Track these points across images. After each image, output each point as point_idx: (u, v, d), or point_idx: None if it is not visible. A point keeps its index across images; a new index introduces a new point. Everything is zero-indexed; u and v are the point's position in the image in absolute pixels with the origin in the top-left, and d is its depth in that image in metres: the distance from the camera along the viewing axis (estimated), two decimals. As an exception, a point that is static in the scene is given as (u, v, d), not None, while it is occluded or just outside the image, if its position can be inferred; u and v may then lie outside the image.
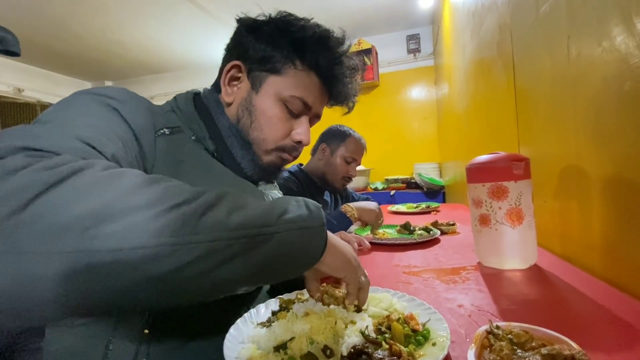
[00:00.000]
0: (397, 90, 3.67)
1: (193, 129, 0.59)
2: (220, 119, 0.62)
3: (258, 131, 0.61)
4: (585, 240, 0.68)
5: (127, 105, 0.46)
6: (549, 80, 0.81)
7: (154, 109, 0.53)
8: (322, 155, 1.38)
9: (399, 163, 3.54)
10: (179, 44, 3.63)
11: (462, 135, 2.12)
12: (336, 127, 1.44)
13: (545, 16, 0.79)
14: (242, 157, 0.62)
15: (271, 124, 0.61)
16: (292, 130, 0.63)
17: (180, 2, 2.77)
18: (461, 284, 0.63)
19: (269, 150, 0.62)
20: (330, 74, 0.63)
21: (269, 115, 0.61)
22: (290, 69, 0.61)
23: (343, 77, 0.64)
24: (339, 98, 0.67)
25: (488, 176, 0.68)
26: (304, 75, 0.61)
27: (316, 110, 0.65)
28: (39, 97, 4.07)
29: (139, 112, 0.48)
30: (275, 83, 0.61)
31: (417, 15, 3.27)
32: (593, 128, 0.63)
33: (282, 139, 0.63)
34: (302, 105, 0.62)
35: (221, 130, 0.62)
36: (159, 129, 0.50)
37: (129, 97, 0.49)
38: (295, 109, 0.62)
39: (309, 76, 0.62)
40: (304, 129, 0.63)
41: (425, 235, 1.02)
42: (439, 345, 0.38)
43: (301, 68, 0.61)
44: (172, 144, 0.51)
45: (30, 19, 2.89)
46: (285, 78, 0.61)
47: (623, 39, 0.52)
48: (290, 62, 0.60)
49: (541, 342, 0.35)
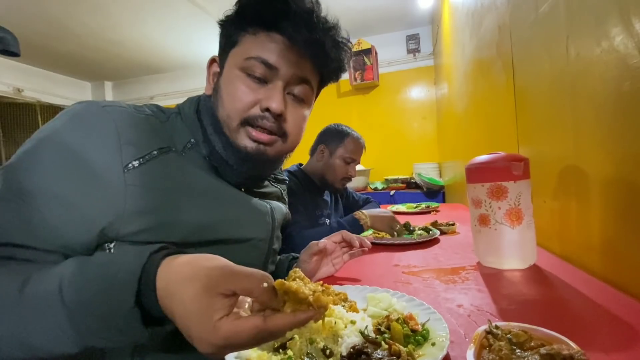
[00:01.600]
0: (396, 90, 3.67)
1: (192, 132, 0.58)
2: (205, 117, 0.59)
3: (222, 108, 0.56)
4: (585, 240, 0.68)
5: (93, 147, 0.46)
6: (548, 81, 0.81)
7: (125, 137, 0.48)
8: (321, 156, 1.36)
9: (399, 163, 3.55)
10: (178, 44, 3.63)
11: (461, 135, 2.12)
12: (334, 126, 1.42)
13: (545, 16, 0.80)
14: (222, 149, 0.57)
15: (232, 97, 0.55)
16: (260, 99, 0.56)
17: (180, 2, 2.76)
18: (460, 284, 0.63)
19: (235, 126, 0.56)
20: (274, 20, 0.53)
21: (229, 88, 0.56)
22: (244, 37, 0.56)
23: (290, 16, 0.53)
24: (303, 45, 0.54)
25: (487, 176, 0.68)
26: (256, 36, 0.55)
27: (290, 71, 0.56)
28: (39, 97, 4.07)
29: (105, 149, 0.46)
30: (234, 55, 0.57)
31: (416, 15, 3.27)
32: (592, 128, 0.63)
33: (246, 110, 0.55)
34: (262, 66, 0.54)
35: (207, 129, 0.58)
36: (127, 164, 0.47)
37: (96, 133, 0.47)
38: (258, 72, 0.55)
39: (260, 34, 0.55)
40: (271, 93, 0.55)
41: (424, 235, 1.03)
42: (438, 345, 0.38)
43: (253, 30, 0.55)
44: (146, 174, 0.48)
45: (29, 19, 2.89)
46: (241, 46, 0.56)
47: (622, 39, 0.53)
48: (241, 29, 0.56)
49: (540, 342, 0.35)
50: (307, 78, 0.58)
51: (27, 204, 0.42)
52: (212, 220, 0.54)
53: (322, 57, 0.57)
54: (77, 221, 0.43)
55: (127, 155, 0.47)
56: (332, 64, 0.59)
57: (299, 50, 0.55)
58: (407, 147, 3.61)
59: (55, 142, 0.45)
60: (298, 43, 0.54)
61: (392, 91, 3.68)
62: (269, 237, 0.65)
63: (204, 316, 0.30)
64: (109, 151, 0.46)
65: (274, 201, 0.71)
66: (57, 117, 0.48)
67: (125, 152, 0.47)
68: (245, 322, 0.30)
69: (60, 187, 0.43)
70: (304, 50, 0.55)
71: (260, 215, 0.63)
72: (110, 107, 0.50)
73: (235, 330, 0.30)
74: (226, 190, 0.58)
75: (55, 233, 0.43)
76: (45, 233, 0.42)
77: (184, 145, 0.56)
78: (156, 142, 0.52)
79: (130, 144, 0.48)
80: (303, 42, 0.54)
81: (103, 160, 0.46)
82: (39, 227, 0.42)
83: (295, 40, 0.54)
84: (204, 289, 0.31)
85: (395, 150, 3.61)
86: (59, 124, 0.47)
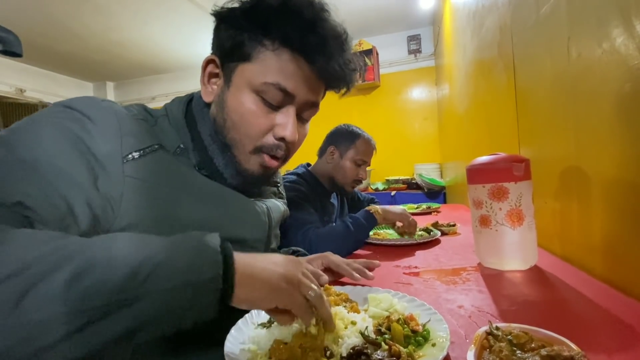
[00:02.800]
0: (397, 90, 3.67)
1: (181, 136, 0.54)
2: (202, 125, 0.56)
3: (233, 131, 0.53)
4: (586, 241, 0.68)
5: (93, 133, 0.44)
6: (549, 81, 0.81)
7: (126, 128, 0.47)
8: (331, 158, 1.31)
9: (400, 164, 3.55)
10: (180, 45, 3.64)
11: (462, 136, 2.12)
12: (344, 127, 1.37)
13: (546, 17, 0.80)
14: (224, 166, 0.55)
15: (245, 121, 0.52)
16: (274, 125, 0.53)
17: (181, 3, 2.77)
18: (461, 284, 0.63)
19: (247, 152, 0.54)
20: (304, 45, 0.50)
21: (241, 111, 0.52)
22: (261, 52, 0.51)
23: (323, 48, 0.50)
24: (327, 76, 0.53)
25: (488, 177, 0.68)
26: (277, 55, 0.50)
27: (304, 98, 0.54)
28: (41, 98, 4.09)
29: (105, 138, 0.45)
30: (245, 71, 0.52)
31: (417, 15, 3.27)
32: (593, 129, 0.63)
33: (260, 137, 0.53)
34: (280, 93, 0.51)
35: (203, 138, 0.55)
36: (127, 154, 0.45)
37: (97, 121, 0.45)
38: (273, 98, 0.51)
39: (283, 55, 0.50)
40: (286, 122, 0.52)
41: (425, 236, 1.02)
42: (439, 345, 0.38)
43: (272, 48, 0.50)
44: (145, 167, 0.47)
45: (32, 20, 2.90)
46: (255, 64, 0.51)
47: (623, 40, 0.53)
48: (258, 43, 0.51)
49: (541, 343, 0.35)
50: (318, 102, 0.58)
51: (33, 172, 0.38)
52: (207, 219, 0.52)
53: (338, 82, 0.56)
54: (79, 202, 0.40)
55: (127, 146, 0.46)
56: (345, 87, 0.58)
57: (316, 77, 0.53)
58: (408, 148, 3.60)
59: (53, 123, 0.43)
60: (326, 75, 0.53)
61: (393, 92, 3.68)
62: (266, 237, 0.64)
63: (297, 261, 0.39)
64: (110, 139, 0.45)
65: (270, 199, 0.69)
66: (51, 107, 0.46)
67: (126, 142, 0.46)
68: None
69: (63, 162, 0.40)
70: (320, 75, 0.53)
71: (256, 215, 0.62)
72: (108, 102, 0.49)
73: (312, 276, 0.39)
74: (221, 191, 0.56)
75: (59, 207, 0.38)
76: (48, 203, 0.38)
77: (174, 150, 0.53)
78: (154, 140, 0.51)
79: (131, 135, 0.47)
80: (330, 75, 0.53)
81: (103, 146, 0.44)
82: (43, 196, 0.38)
83: (324, 73, 0.52)
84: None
85: (396, 151, 3.61)
86: (56, 112, 0.45)
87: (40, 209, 0.36)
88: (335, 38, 0.52)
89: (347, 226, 0.96)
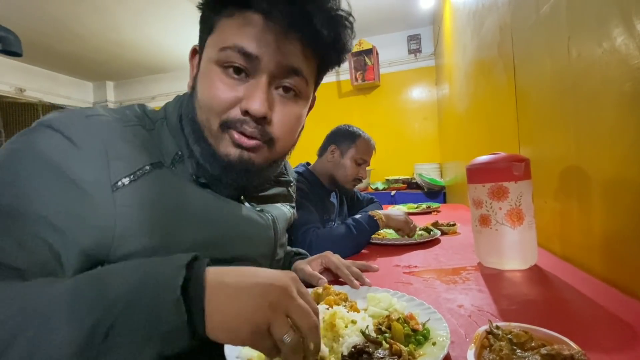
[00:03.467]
0: (397, 90, 3.67)
1: (177, 142, 0.51)
2: (186, 124, 0.51)
3: (200, 110, 0.48)
4: (586, 240, 0.68)
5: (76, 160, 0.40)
6: (549, 81, 0.81)
7: (113, 151, 0.43)
8: (332, 157, 1.33)
9: (400, 163, 3.55)
10: (180, 44, 3.64)
11: (462, 136, 2.12)
12: (345, 127, 1.40)
13: (546, 17, 0.80)
14: (202, 158, 0.49)
15: (210, 96, 0.46)
16: (240, 98, 0.47)
17: (181, 2, 2.77)
18: (461, 284, 0.63)
19: (215, 130, 0.47)
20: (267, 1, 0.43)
21: (206, 86, 0.47)
22: (220, 21, 0.47)
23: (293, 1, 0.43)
24: (287, 24, 0.44)
25: (488, 177, 0.68)
26: (231, 19, 0.46)
27: (274, 60, 0.45)
28: (41, 97, 4.09)
29: (90, 164, 0.41)
30: (210, 45, 0.48)
31: (417, 15, 3.27)
32: (593, 129, 0.63)
33: (225, 110, 0.46)
34: (241, 57, 0.45)
35: (188, 139, 0.50)
36: (116, 181, 0.42)
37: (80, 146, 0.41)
38: (237, 64, 0.45)
39: (236, 17, 0.45)
40: (252, 92, 0.46)
41: (425, 236, 1.03)
42: (439, 344, 0.38)
43: (228, 12, 0.46)
44: (137, 192, 0.43)
45: (31, 19, 2.90)
46: (216, 32, 0.47)
47: (623, 40, 0.53)
48: (217, 13, 0.47)
49: (541, 342, 0.35)
50: (298, 67, 0.48)
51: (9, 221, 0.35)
52: (209, 240, 0.49)
53: (313, 35, 0.45)
54: (67, 246, 0.38)
55: (115, 172, 0.42)
56: (329, 44, 0.47)
57: (282, 31, 0.44)
58: (408, 148, 3.61)
59: (31, 156, 0.39)
60: (278, 20, 0.43)
61: (393, 91, 3.68)
62: (271, 252, 0.62)
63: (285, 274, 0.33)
64: (95, 167, 0.41)
65: (277, 206, 0.66)
66: (32, 129, 0.42)
67: (114, 168, 0.42)
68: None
69: (42, 205, 0.37)
70: (287, 29, 0.44)
71: (261, 230, 0.58)
72: (95, 117, 0.44)
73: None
74: (224, 207, 0.52)
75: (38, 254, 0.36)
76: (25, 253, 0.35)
77: (172, 158, 0.49)
78: (147, 157, 0.46)
79: (119, 159, 0.43)
80: (284, 18, 0.43)
81: (88, 177, 0.40)
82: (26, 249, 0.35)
83: (273, 17, 0.43)
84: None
85: (396, 151, 3.61)
86: (36, 137, 0.41)
87: (16, 262, 0.34)
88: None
89: (349, 228, 0.96)
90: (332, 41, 0.47)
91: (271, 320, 0.29)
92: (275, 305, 0.30)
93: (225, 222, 0.52)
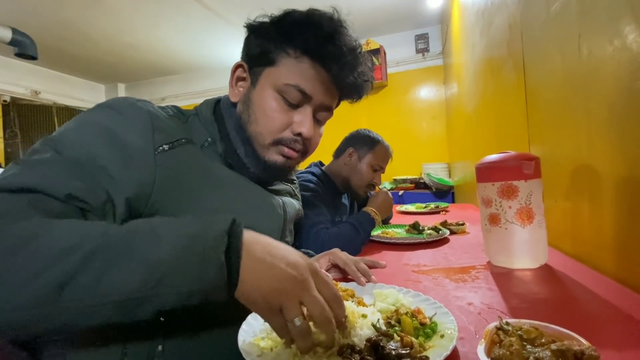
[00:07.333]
0: (405, 90, 3.66)
1: (209, 131, 0.61)
2: (228, 121, 0.63)
3: (255, 124, 0.60)
4: (597, 239, 0.68)
5: (128, 129, 0.51)
6: (560, 79, 0.80)
7: (157, 124, 0.54)
8: (349, 160, 1.33)
9: (408, 163, 3.52)
10: (190, 47, 3.69)
11: (471, 135, 2.10)
12: (365, 132, 1.40)
13: (556, 15, 0.79)
14: (245, 155, 0.62)
15: (267, 116, 0.59)
16: (292, 122, 0.60)
17: (191, 5, 2.81)
18: (471, 282, 0.63)
19: (267, 144, 0.60)
20: (322, 54, 0.58)
21: (264, 107, 0.59)
22: (284, 58, 0.59)
23: (339, 58, 0.58)
24: (341, 82, 0.60)
25: (498, 175, 0.68)
26: (298, 62, 0.59)
27: (320, 100, 0.61)
28: (55, 99, 4.18)
29: (139, 133, 0.51)
30: (270, 74, 0.60)
31: (425, 14, 3.25)
32: (604, 127, 0.63)
33: (279, 131, 0.60)
34: (299, 94, 0.59)
35: (229, 132, 0.63)
36: (158, 146, 0.52)
37: (131, 119, 0.52)
38: (293, 98, 0.59)
39: (303, 62, 0.59)
40: (303, 119, 0.60)
41: (434, 235, 1.02)
42: (447, 337, 0.39)
43: (294, 55, 0.59)
44: (174, 158, 0.53)
45: (46, 23, 2.97)
46: (279, 68, 0.59)
47: (634, 37, 0.52)
48: (282, 50, 0.59)
49: (551, 338, 0.35)
50: (331, 105, 0.64)
51: (79, 169, 0.45)
52: (227, 206, 0.57)
53: (354, 95, 0.65)
54: (118, 192, 0.47)
55: (158, 140, 0.52)
56: (357, 98, 0.67)
57: (331, 81, 0.60)
58: (416, 147, 3.58)
59: (94, 123, 0.50)
60: (340, 82, 0.60)
61: (401, 91, 3.66)
62: (281, 230, 0.67)
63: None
64: (143, 134, 0.51)
65: (286, 197, 0.74)
66: (93, 108, 0.53)
67: (157, 137, 0.52)
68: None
69: (103, 159, 0.47)
70: (334, 80, 0.60)
71: (272, 208, 0.66)
72: (142, 102, 0.56)
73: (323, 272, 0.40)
74: (242, 183, 0.62)
75: (100, 197, 0.45)
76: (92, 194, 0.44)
77: (202, 143, 0.60)
78: (183, 134, 0.57)
79: (161, 130, 0.53)
80: (344, 82, 0.60)
81: (138, 141, 0.50)
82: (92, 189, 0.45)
83: (338, 80, 0.60)
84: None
85: (404, 151, 3.58)
86: (96, 112, 0.52)
87: (86, 198, 0.43)
88: (350, 50, 0.59)
89: (356, 228, 1.00)
90: (359, 93, 0.66)
91: (283, 304, 0.34)
92: (290, 293, 0.35)
93: (242, 194, 0.61)
